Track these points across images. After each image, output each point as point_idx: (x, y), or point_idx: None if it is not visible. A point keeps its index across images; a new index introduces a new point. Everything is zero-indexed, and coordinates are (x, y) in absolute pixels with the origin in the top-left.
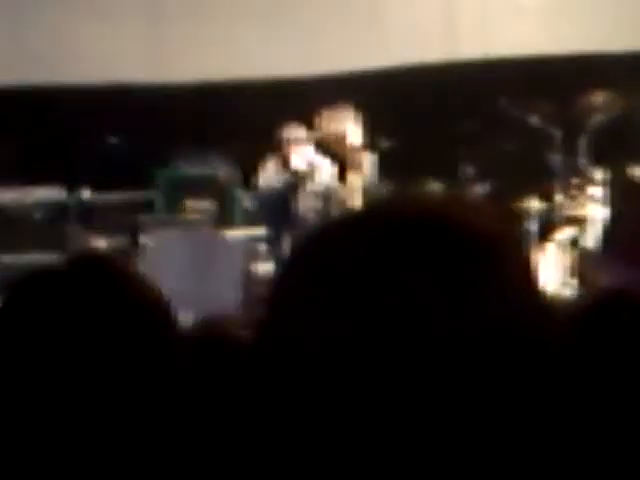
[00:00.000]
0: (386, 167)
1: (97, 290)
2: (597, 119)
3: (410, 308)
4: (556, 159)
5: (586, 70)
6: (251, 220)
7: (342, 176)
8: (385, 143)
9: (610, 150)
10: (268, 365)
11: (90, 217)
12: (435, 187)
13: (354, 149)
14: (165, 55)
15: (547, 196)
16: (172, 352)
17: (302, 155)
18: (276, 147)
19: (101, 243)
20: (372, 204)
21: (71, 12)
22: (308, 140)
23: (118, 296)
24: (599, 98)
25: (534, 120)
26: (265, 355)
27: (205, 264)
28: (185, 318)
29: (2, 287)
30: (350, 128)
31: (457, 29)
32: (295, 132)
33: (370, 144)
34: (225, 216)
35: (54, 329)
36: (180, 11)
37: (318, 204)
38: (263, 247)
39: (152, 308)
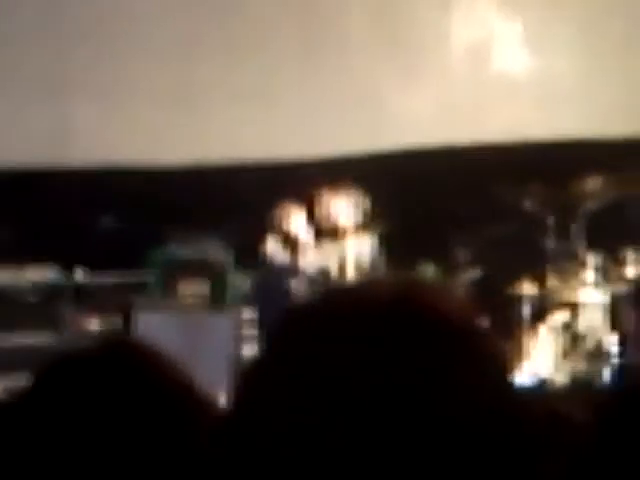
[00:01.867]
0: (382, 249)
1: (128, 377)
2: (591, 204)
3: (383, 392)
4: (549, 244)
5: (580, 155)
6: (243, 302)
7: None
8: (381, 225)
9: (603, 236)
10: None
11: (84, 298)
12: (429, 270)
13: (346, 230)
14: (158, 137)
15: (540, 281)
16: (197, 438)
17: (300, 228)
18: (273, 226)
19: (95, 324)
20: (344, 289)
21: (60, 94)
22: (301, 216)
23: (149, 384)
24: (593, 183)
25: (527, 205)
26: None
27: (194, 345)
28: None
29: None
30: (343, 209)
31: (451, 114)
32: (291, 210)
33: (368, 225)
34: (218, 298)
35: (83, 416)
36: (171, 94)
37: (311, 285)
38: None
39: (183, 397)
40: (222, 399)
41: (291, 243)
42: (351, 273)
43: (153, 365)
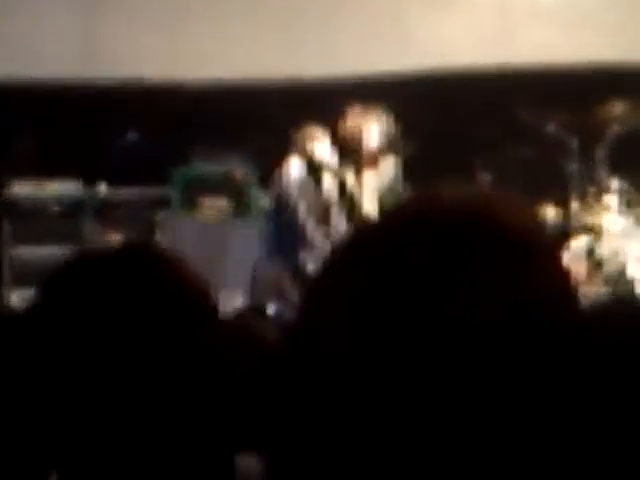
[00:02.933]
0: (406, 171)
1: (140, 276)
2: (615, 129)
3: (451, 305)
4: (573, 168)
5: (605, 80)
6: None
7: (359, 176)
8: (406, 147)
9: (627, 161)
10: (300, 361)
11: (106, 212)
12: None
13: (371, 151)
14: (183, 54)
15: (563, 204)
16: (210, 341)
17: (323, 151)
18: (296, 146)
19: (117, 238)
20: (407, 201)
21: (89, 10)
22: (325, 140)
23: (160, 282)
24: (618, 108)
25: (551, 128)
26: (298, 351)
27: (218, 252)
28: None
29: (18, 279)
30: (368, 130)
31: (477, 37)
32: (316, 131)
33: (394, 147)
34: (241, 214)
35: (95, 314)
36: (197, 10)
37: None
38: None
39: (194, 295)
40: (242, 299)
41: (314, 166)
42: (372, 193)
43: (168, 268)
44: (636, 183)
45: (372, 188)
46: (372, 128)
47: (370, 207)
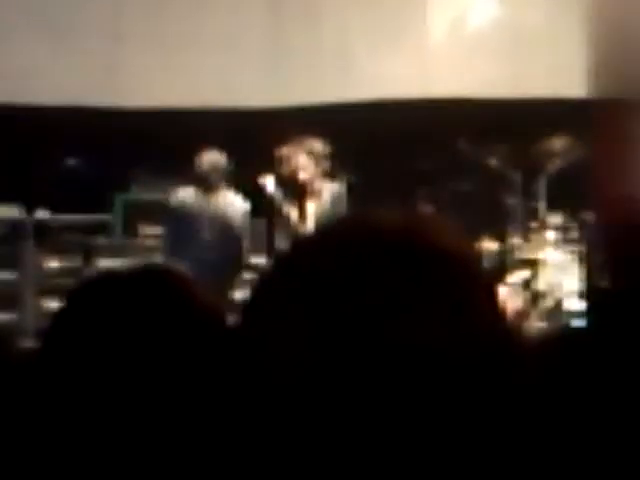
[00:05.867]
0: (349, 200)
1: (160, 296)
2: (555, 164)
3: (390, 323)
4: (513, 202)
5: (546, 114)
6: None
7: (301, 205)
8: (348, 177)
9: (566, 195)
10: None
11: (45, 237)
12: None
13: (305, 180)
14: (127, 79)
15: (501, 238)
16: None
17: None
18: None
19: (55, 263)
20: (348, 217)
21: (28, 31)
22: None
23: (180, 302)
24: (558, 143)
25: (492, 162)
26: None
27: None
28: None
29: None
30: (300, 160)
31: (423, 68)
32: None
33: (332, 174)
34: None
35: (117, 332)
36: (140, 35)
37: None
38: None
39: (211, 316)
40: None
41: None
42: (309, 220)
43: (184, 289)
44: (574, 218)
45: (312, 215)
46: (304, 157)
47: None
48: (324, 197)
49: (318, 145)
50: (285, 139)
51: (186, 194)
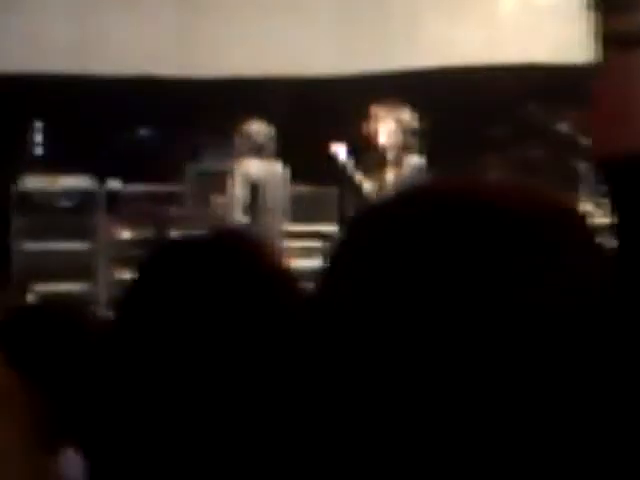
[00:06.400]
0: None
1: (235, 261)
2: None
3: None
4: (583, 167)
5: None
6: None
7: (379, 175)
8: (426, 146)
9: None
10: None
11: (118, 207)
12: None
13: (388, 147)
14: (197, 49)
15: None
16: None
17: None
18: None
19: (127, 234)
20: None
21: (103, 3)
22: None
23: (250, 269)
24: None
25: (563, 128)
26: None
27: None
28: None
29: (25, 274)
30: (386, 128)
31: (494, 34)
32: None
33: (417, 145)
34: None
35: (191, 300)
36: (211, 5)
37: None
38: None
39: (285, 282)
40: None
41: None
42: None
43: (258, 254)
44: None
45: (390, 187)
46: (390, 127)
47: None
48: (405, 169)
49: (407, 115)
50: (363, 108)
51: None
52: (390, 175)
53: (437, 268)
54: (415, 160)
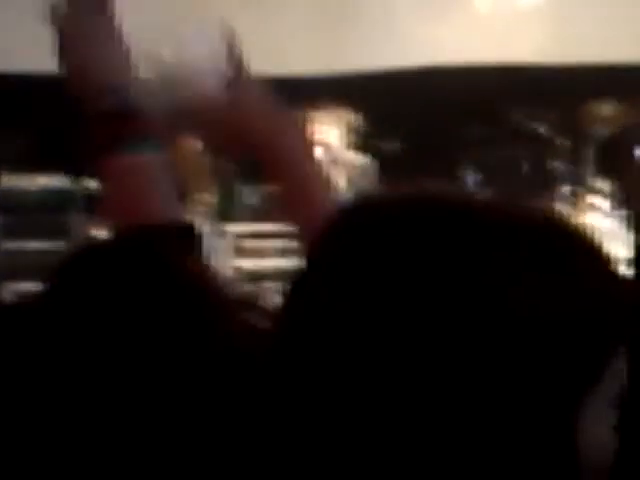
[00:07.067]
0: (388, 170)
1: (146, 267)
2: (603, 130)
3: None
4: (560, 168)
5: (594, 80)
6: (253, 216)
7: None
8: (388, 146)
9: (613, 162)
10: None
11: (94, 207)
12: None
13: (333, 152)
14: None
15: (549, 205)
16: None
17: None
18: None
19: (104, 233)
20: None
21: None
22: None
23: (171, 270)
24: (606, 109)
25: (540, 129)
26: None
27: None
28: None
29: (3, 273)
30: (330, 131)
31: (472, 34)
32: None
33: (367, 147)
34: (225, 210)
35: (105, 305)
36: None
37: None
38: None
39: (205, 285)
40: None
41: None
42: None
43: (178, 256)
44: (621, 184)
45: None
46: (334, 129)
47: None
48: (353, 172)
49: (349, 115)
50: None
51: None
52: (338, 175)
53: (409, 277)
54: (359, 160)
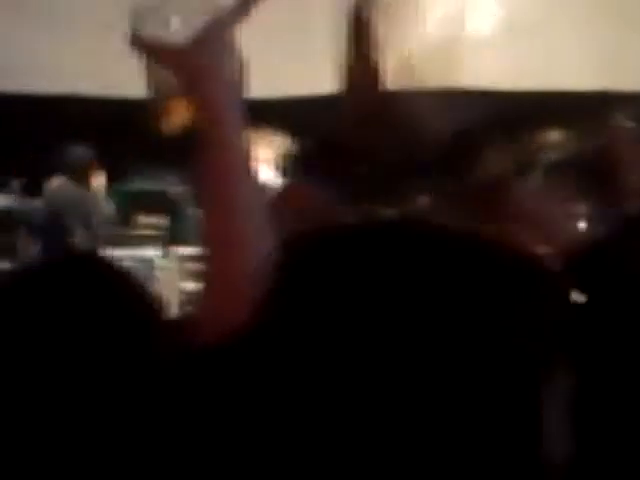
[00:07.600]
0: (352, 193)
1: (85, 284)
2: (550, 156)
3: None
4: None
5: (541, 107)
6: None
7: None
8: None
9: (559, 188)
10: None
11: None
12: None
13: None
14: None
15: None
16: (156, 349)
17: None
18: None
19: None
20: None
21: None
22: None
23: (107, 289)
24: (553, 136)
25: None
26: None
27: None
28: None
29: None
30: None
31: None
32: None
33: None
34: (176, 233)
35: (41, 325)
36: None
37: None
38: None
39: (138, 304)
40: None
41: None
42: None
43: (114, 275)
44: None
45: None
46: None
47: None
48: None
49: (278, 139)
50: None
51: None
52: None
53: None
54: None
